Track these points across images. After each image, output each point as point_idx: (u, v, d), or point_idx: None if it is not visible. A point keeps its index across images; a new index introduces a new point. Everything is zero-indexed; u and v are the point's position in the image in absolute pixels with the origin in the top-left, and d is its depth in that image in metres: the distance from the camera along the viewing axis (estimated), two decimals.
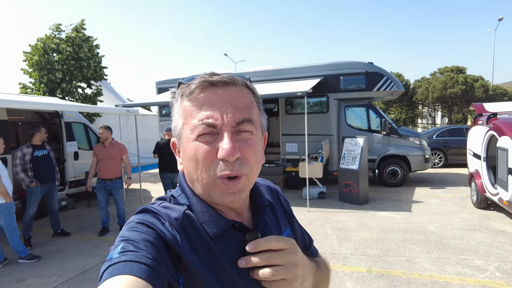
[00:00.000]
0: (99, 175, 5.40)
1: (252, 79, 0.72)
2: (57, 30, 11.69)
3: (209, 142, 0.60)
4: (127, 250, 0.53)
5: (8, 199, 4.26)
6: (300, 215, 6.29)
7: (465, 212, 6.14)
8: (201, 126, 0.60)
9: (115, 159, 5.42)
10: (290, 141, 9.17)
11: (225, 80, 0.62)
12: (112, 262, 0.52)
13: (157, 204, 0.65)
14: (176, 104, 0.66)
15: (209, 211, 0.64)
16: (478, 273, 3.71)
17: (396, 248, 4.51)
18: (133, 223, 0.60)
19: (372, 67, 8.46)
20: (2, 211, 4.24)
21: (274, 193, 0.85)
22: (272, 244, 0.61)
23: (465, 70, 28.27)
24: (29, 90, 11.54)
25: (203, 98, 0.61)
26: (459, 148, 11.29)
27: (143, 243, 0.55)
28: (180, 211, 0.62)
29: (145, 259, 0.52)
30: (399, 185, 8.62)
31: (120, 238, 0.57)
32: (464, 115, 30.31)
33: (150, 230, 0.58)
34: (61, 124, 7.50)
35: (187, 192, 0.67)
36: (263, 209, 0.72)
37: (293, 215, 0.87)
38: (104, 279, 0.50)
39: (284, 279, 0.60)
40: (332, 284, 3.59)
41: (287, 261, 0.61)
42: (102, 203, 5.43)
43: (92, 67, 11.76)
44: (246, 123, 0.61)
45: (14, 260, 4.46)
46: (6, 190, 4.22)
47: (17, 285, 3.78)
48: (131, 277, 0.48)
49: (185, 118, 0.63)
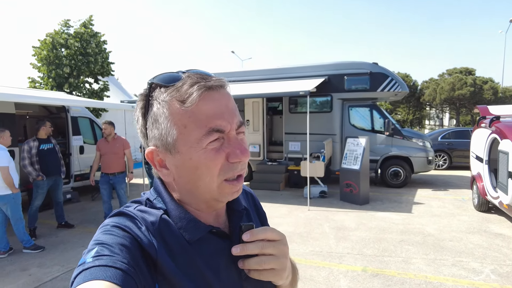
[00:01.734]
0: (103, 170, 5.51)
1: (257, 78, 0.72)
2: (66, 25, 11.86)
3: (217, 148, 0.59)
4: (101, 254, 0.51)
5: (14, 189, 4.39)
6: (300, 213, 6.35)
7: (465, 214, 6.14)
8: (211, 133, 0.58)
9: (118, 154, 5.52)
10: (293, 139, 9.21)
11: (220, 84, 0.61)
12: (85, 266, 0.50)
13: (133, 207, 0.63)
14: (161, 109, 0.60)
15: (187, 216, 0.63)
16: (473, 275, 3.74)
17: (393, 248, 4.54)
18: (108, 226, 0.57)
19: (376, 68, 8.45)
20: (9, 201, 4.38)
21: (249, 196, 0.86)
22: (268, 234, 0.62)
23: (474, 71, 27.96)
24: (38, 84, 11.74)
25: (205, 103, 0.58)
26: (464, 150, 11.21)
27: (118, 247, 0.53)
28: (157, 216, 0.61)
29: (120, 264, 0.50)
30: (401, 186, 8.62)
31: (95, 242, 0.55)
32: (473, 117, 29.97)
33: (126, 234, 0.56)
34: (67, 118, 7.63)
35: (164, 196, 0.65)
36: (240, 213, 0.72)
37: (266, 217, 0.88)
38: (76, 284, 0.48)
39: (273, 268, 0.61)
40: (326, 281, 3.64)
41: (278, 251, 0.62)
42: (105, 196, 5.54)
43: (100, 63, 11.92)
44: (242, 125, 0.63)
45: (18, 250, 4.59)
46: (12, 181, 4.35)
47: (21, 274, 3.90)
48: (105, 282, 0.47)
49: (183, 126, 0.59)
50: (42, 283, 3.66)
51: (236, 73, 9.84)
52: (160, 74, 0.62)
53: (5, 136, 4.47)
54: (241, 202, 0.75)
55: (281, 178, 8.81)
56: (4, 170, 4.27)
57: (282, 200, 7.48)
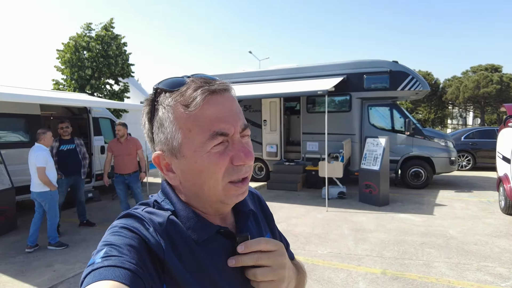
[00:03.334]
0: (117, 171, 5.61)
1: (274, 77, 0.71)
2: (88, 28, 12.19)
3: (222, 151, 0.60)
4: (110, 255, 0.52)
5: (52, 187, 4.65)
6: (318, 214, 6.28)
7: (491, 217, 5.91)
8: (215, 136, 0.59)
9: (131, 154, 5.62)
10: (310, 139, 9.13)
11: (223, 87, 0.62)
12: (94, 267, 0.51)
13: (141, 209, 0.64)
14: (166, 114, 0.61)
15: (195, 216, 0.63)
16: (499, 281, 3.59)
17: (414, 251, 4.42)
18: (117, 228, 0.58)
19: (396, 66, 8.27)
20: (46, 198, 4.65)
21: (255, 197, 0.86)
22: (262, 245, 0.62)
23: (500, 68, 26.96)
24: (61, 86, 12.13)
25: (208, 107, 0.59)
26: (489, 151, 10.82)
27: (127, 248, 0.54)
28: (164, 217, 0.62)
29: (129, 264, 0.51)
30: (422, 187, 8.39)
31: (103, 243, 0.56)
32: (499, 116, 28.90)
33: (134, 235, 0.57)
34: (89, 119, 7.85)
35: (171, 198, 0.66)
36: (247, 214, 0.72)
37: (273, 219, 0.88)
38: (86, 284, 0.49)
39: (272, 280, 0.61)
40: (345, 284, 3.58)
41: (274, 262, 0.62)
42: (122, 196, 5.66)
43: (120, 64, 12.18)
44: (247, 128, 0.64)
45: (43, 247, 4.75)
46: (49, 180, 4.60)
47: (46, 270, 4.04)
48: (114, 282, 0.48)
49: (188, 131, 0.60)
50: (66, 279, 3.78)
51: (254, 73, 9.83)
52: (165, 79, 0.63)
53: (46, 138, 4.72)
54: (248, 203, 0.75)
55: (298, 178, 8.75)
56: (41, 170, 4.52)
57: (300, 201, 7.42)
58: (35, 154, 4.55)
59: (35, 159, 4.53)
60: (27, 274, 3.92)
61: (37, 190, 4.61)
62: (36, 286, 3.64)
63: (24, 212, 6.67)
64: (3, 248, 4.78)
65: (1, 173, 5.55)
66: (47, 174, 4.58)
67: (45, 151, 4.62)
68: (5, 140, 6.19)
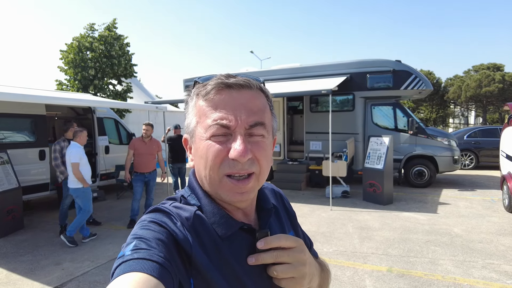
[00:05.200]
0: (138, 169, 5.72)
1: (277, 77, 0.75)
2: (91, 29, 12.24)
3: (222, 142, 0.61)
4: (139, 248, 0.54)
5: (85, 184, 4.79)
6: (323, 213, 6.31)
7: (496, 216, 5.93)
8: (215, 126, 0.61)
9: (153, 154, 5.85)
10: (314, 139, 9.15)
11: (241, 83, 0.63)
12: (124, 259, 0.52)
13: (169, 204, 0.66)
14: (191, 102, 0.67)
15: (220, 212, 0.65)
16: (505, 278, 3.61)
17: (419, 249, 4.45)
18: (146, 222, 0.60)
19: (399, 65, 8.28)
20: (79, 194, 4.82)
21: (277, 196, 0.87)
22: (282, 242, 0.62)
23: (503, 67, 26.91)
24: (65, 86, 12.18)
25: (218, 99, 0.62)
26: (492, 150, 10.82)
27: (155, 241, 0.55)
28: (191, 212, 0.63)
29: (157, 257, 0.52)
30: (425, 186, 8.41)
31: (133, 236, 0.57)
32: (501, 115, 28.84)
33: (162, 229, 0.58)
34: (93, 119, 7.88)
35: (197, 193, 0.68)
36: (269, 211, 0.73)
37: (295, 217, 0.88)
38: (116, 275, 0.50)
39: (293, 277, 0.62)
40: (351, 281, 3.61)
41: (294, 259, 0.62)
42: (139, 194, 5.74)
43: (123, 65, 12.23)
44: (258, 126, 0.62)
45: (51, 246, 4.80)
46: (81, 176, 4.75)
47: (55, 268, 4.07)
48: (143, 274, 0.49)
49: (199, 117, 0.64)
50: (74, 277, 3.81)
51: (257, 73, 9.87)
52: (204, 75, 0.68)
53: (82, 136, 4.88)
54: (270, 200, 0.76)
55: (302, 178, 8.78)
56: (75, 166, 4.69)
57: (304, 200, 7.45)
58: (70, 151, 4.75)
59: (69, 155, 4.72)
60: (36, 272, 3.96)
61: (72, 186, 4.81)
62: (46, 284, 3.67)
63: (30, 212, 6.72)
64: (12, 247, 4.83)
65: (8, 173, 5.59)
66: (81, 170, 4.74)
67: (79, 148, 4.80)
68: (12, 140, 6.23)
